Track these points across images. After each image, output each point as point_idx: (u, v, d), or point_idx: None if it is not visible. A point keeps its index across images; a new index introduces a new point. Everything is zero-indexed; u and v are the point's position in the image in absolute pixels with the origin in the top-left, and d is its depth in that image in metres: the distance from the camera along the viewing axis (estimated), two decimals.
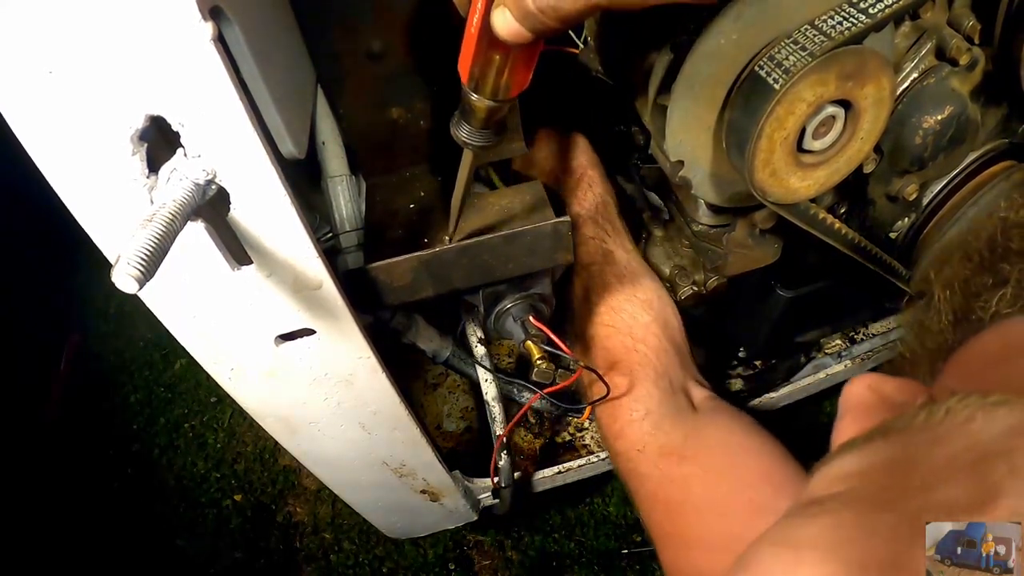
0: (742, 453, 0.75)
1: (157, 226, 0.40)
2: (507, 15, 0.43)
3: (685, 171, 0.64)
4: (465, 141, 0.57)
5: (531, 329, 0.83)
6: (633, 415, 0.78)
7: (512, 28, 0.44)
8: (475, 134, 0.56)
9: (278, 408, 0.73)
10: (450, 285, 0.74)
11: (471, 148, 0.58)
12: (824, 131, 0.54)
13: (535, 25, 0.43)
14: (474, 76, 0.51)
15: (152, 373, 1.75)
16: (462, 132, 0.57)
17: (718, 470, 0.73)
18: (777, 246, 0.78)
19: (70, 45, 0.38)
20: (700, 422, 0.78)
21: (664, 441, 0.76)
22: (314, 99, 0.74)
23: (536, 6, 0.42)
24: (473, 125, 0.56)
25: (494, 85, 0.52)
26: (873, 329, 1.24)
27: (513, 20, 0.43)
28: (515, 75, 0.51)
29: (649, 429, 0.77)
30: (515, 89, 0.53)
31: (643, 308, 0.83)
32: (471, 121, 0.55)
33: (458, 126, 0.57)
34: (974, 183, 0.72)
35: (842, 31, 0.50)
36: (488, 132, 0.57)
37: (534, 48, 0.50)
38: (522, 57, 0.50)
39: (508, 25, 0.44)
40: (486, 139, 0.57)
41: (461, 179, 0.64)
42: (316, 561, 1.48)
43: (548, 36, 0.45)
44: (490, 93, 0.52)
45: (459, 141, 0.58)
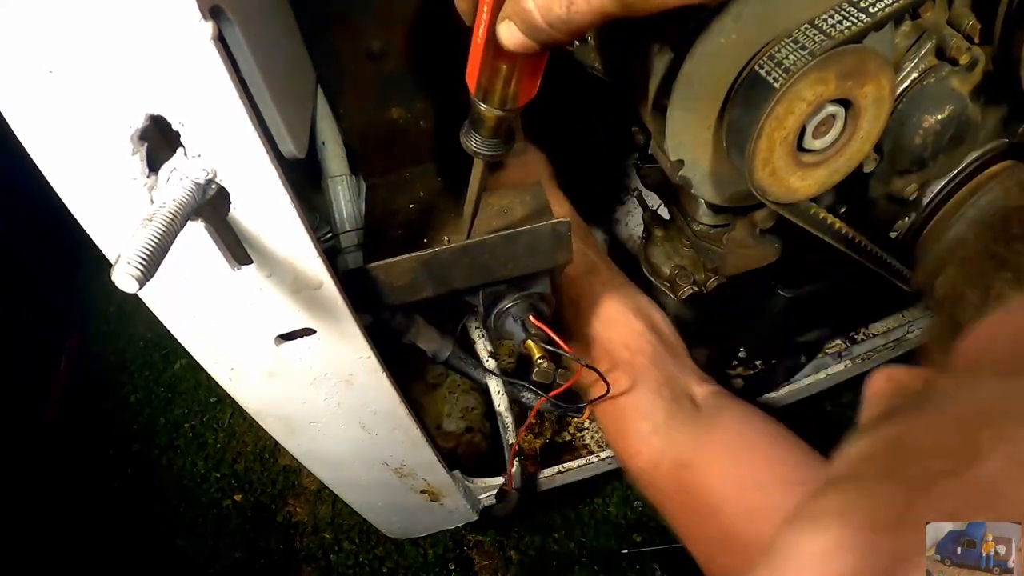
0: (753, 447, 0.76)
1: (157, 226, 0.40)
2: (513, 28, 0.43)
3: (685, 170, 0.64)
4: (475, 151, 0.57)
5: (531, 328, 0.83)
6: (642, 432, 0.78)
7: (519, 41, 0.43)
8: (485, 143, 0.56)
9: (278, 408, 0.73)
10: (450, 285, 0.74)
11: (482, 158, 0.58)
12: (824, 130, 0.54)
13: (542, 38, 0.42)
14: (481, 86, 0.51)
15: (152, 373, 1.75)
16: (472, 142, 0.57)
17: (734, 469, 0.74)
18: (777, 246, 0.78)
19: (70, 44, 0.38)
20: (708, 423, 0.79)
21: (676, 453, 0.76)
22: (314, 99, 0.74)
23: (545, 20, 0.41)
24: (483, 135, 0.56)
25: (502, 95, 0.52)
26: (873, 329, 1.24)
27: (519, 33, 0.43)
28: (522, 85, 0.51)
29: (660, 445, 0.77)
30: (523, 98, 0.52)
31: (635, 316, 0.84)
32: (480, 131, 0.55)
33: (468, 136, 0.57)
34: (974, 183, 0.72)
35: (842, 30, 0.50)
36: (498, 141, 0.57)
37: (541, 58, 0.50)
38: (528, 67, 0.50)
39: (514, 38, 0.43)
40: (496, 148, 0.57)
41: (473, 188, 0.64)
42: (316, 561, 1.48)
43: (555, 47, 0.45)
44: (498, 103, 0.52)
45: (469, 151, 0.58)
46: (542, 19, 0.41)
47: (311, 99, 0.73)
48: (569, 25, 0.41)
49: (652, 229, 0.91)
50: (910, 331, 1.23)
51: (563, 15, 0.40)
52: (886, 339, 1.21)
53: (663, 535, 1.46)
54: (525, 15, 0.41)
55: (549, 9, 0.40)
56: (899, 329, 1.23)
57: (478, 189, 0.64)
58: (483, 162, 0.60)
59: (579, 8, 0.40)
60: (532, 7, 0.41)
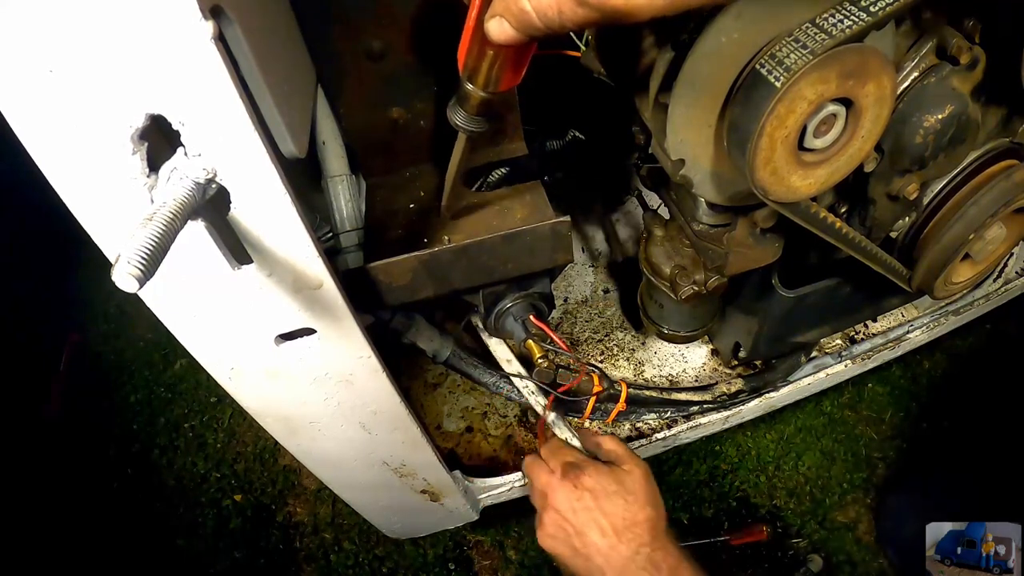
0: None
1: (157, 225, 0.40)
2: (504, 25, 0.44)
3: (686, 170, 0.64)
4: (459, 125, 0.62)
5: (532, 328, 0.83)
6: None
7: (509, 36, 0.45)
8: (469, 120, 0.61)
9: (278, 408, 0.73)
10: (450, 285, 0.74)
11: (464, 132, 0.63)
12: (825, 129, 0.54)
13: (530, 31, 0.44)
14: (468, 67, 0.55)
15: (152, 373, 1.75)
16: (457, 117, 0.62)
17: None
18: (778, 245, 0.78)
19: (70, 44, 0.38)
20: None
21: None
22: (314, 99, 0.74)
23: (539, 18, 0.42)
24: (467, 111, 0.60)
25: (486, 77, 0.56)
26: (873, 329, 1.24)
27: (511, 29, 0.44)
28: (506, 71, 0.55)
29: None
30: (504, 84, 0.56)
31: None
32: (465, 107, 0.60)
33: (454, 110, 0.61)
34: (975, 182, 0.72)
35: (843, 29, 0.49)
36: (481, 119, 0.62)
37: (527, 48, 0.53)
38: (514, 56, 0.54)
39: (505, 33, 0.45)
40: (478, 125, 0.62)
41: (454, 160, 0.69)
42: (316, 561, 1.48)
43: (542, 39, 0.46)
44: (482, 84, 0.56)
45: (453, 124, 0.62)
46: (537, 17, 0.42)
47: (311, 99, 0.73)
48: (563, 22, 0.42)
49: (652, 229, 0.91)
50: (910, 331, 1.23)
51: (555, 16, 0.41)
52: (885, 339, 1.21)
53: None
54: (522, 15, 0.42)
55: (544, 13, 0.42)
56: (898, 329, 1.23)
57: (459, 161, 0.68)
58: (466, 136, 0.64)
59: (568, 16, 0.41)
60: (529, 8, 0.42)
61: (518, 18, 0.43)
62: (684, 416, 1.12)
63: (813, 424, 1.58)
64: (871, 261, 0.72)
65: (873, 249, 0.71)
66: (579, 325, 1.29)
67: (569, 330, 1.28)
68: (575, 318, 1.30)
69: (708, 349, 1.22)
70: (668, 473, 1.53)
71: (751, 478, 1.52)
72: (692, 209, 0.78)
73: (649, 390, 1.12)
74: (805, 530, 1.45)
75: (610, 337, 1.26)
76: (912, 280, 0.77)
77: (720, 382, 1.14)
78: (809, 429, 1.58)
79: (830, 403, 1.60)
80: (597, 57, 0.76)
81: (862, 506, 1.47)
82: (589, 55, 0.77)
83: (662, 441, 1.10)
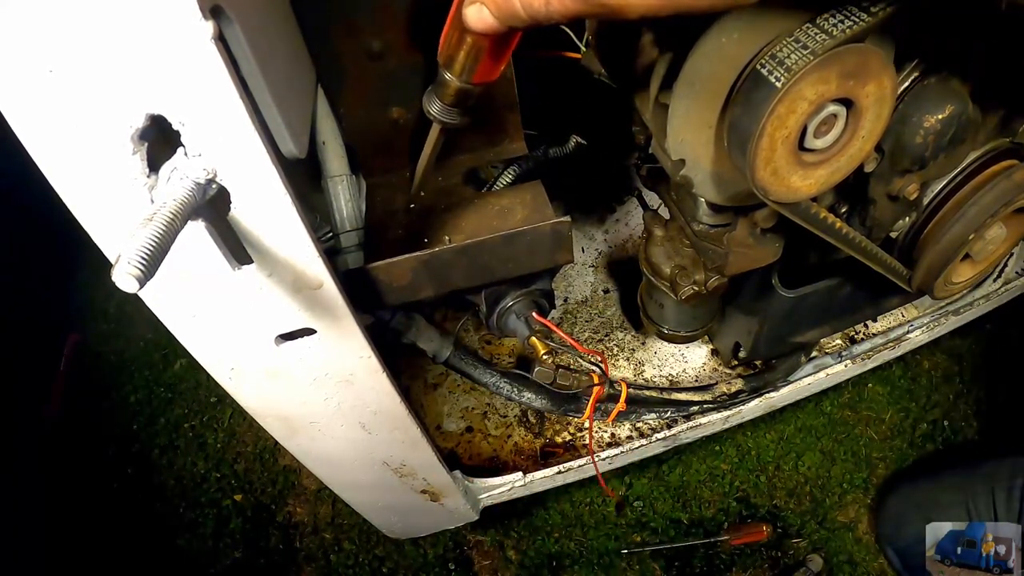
0: None
1: (157, 225, 0.40)
2: (484, 12, 0.43)
3: (686, 170, 0.64)
4: (432, 115, 0.61)
5: (535, 325, 0.83)
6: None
7: (488, 24, 0.43)
8: (443, 110, 0.60)
9: (278, 408, 0.73)
10: (450, 285, 0.74)
11: (437, 122, 0.62)
12: (825, 130, 0.54)
13: (512, 21, 0.43)
14: (446, 53, 0.55)
15: (152, 373, 1.75)
16: (432, 107, 0.61)
17: None
18: (778, 245, 0.78)
19: (70, 44, 0.38)
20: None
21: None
22: (314, 99, 0.74)
23: (523, 8, 0.41)
24: (443, 101, 0.59)
25: (462, 66, 0.55)
26: (873, 329, 1.24)
27: (490, 17, 0.43)
28: (483, 62, 0.54)
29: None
30: (480, 75, 0.56)
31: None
32: (442, 97, 0.59)
33: (430, 99, 0.60)
34: (975, 182, 0.72)
35: (844, 30, 0.49)
36: (456, 111, 0.60)
37: (508, 41, 0.52)
38: (493, 46, 0.53)
39: (484, 22, 0.44)
40: (452, 117, 0.61)
41: (426, 151, 0.68)
42: (316, 561, 1.48)
43: (525, 31, 0.45)
44: (458, 73, 0.56)
45: (427, 113, 0.61)
46: (523, 10, 0.41)
47: (311, 99, 0.73)
48: (550, 14, 0.41)
49: (652, 229, 0.91)
50: (910, 331, 1.23)
51: (541, 9, 0.40)
52: (885, 338, 1.21)
53: (663, 535, 1.47)
54: (504, 4, 0.41)
55: (529, 3, 0.41)
56: (898, 329, 1.23)
57: (431, 152, 0.67)
58: (439, 127, 0.63)
59: (556, 8, 0.40)
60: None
61: (499, 6, 0.42)
62: (684, 416, 1.12)
63: (813, 424, 1.58)
64: (871, 261, 0.72)
65: (873, 249, 0.71)
66: (579, 325, 1.29)
67: (569, 330, 1.28)
68: (575, 318, 1.30)
69: (708, 349, 1.22)
70: (668, 473, 1.53)
71: (751, 478, 1.53)
72: (692, 209, 0.78)
73: (649, 390, 1.12)
74: (805, 530, 1.45)
75: (610, 337, 1.26)
76: (912, 280, 0.77)
77: (720, 382, 1.14)
78: (809, 429, 1.58)
79: (830, 403, 1.60)
80: (597, 57, 0.76)
81: (862, 506, 1.47)
82: (589, 56, 0.77)
83: (662, 441, 1.10)
